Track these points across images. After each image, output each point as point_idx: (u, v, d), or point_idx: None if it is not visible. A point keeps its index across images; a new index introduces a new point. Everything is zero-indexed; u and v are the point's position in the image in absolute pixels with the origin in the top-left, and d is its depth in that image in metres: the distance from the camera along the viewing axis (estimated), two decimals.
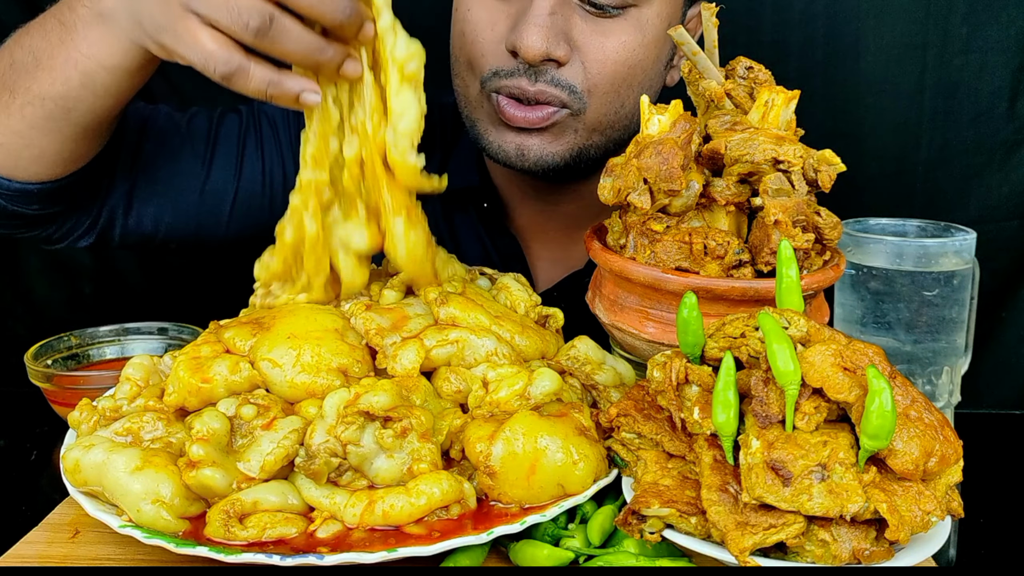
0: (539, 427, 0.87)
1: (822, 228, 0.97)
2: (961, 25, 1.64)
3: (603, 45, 1.20)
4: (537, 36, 1.15)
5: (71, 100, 1.09)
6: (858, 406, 0.77)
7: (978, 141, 1.68)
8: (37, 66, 1.09)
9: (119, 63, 1.05)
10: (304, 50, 0.91)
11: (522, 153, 1.24)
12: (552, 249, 1.44)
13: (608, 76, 1.21)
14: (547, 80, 1.19)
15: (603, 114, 1.24)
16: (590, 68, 1.20)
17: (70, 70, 1.07)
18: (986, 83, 1.66)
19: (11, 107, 1.11)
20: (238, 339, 0.95)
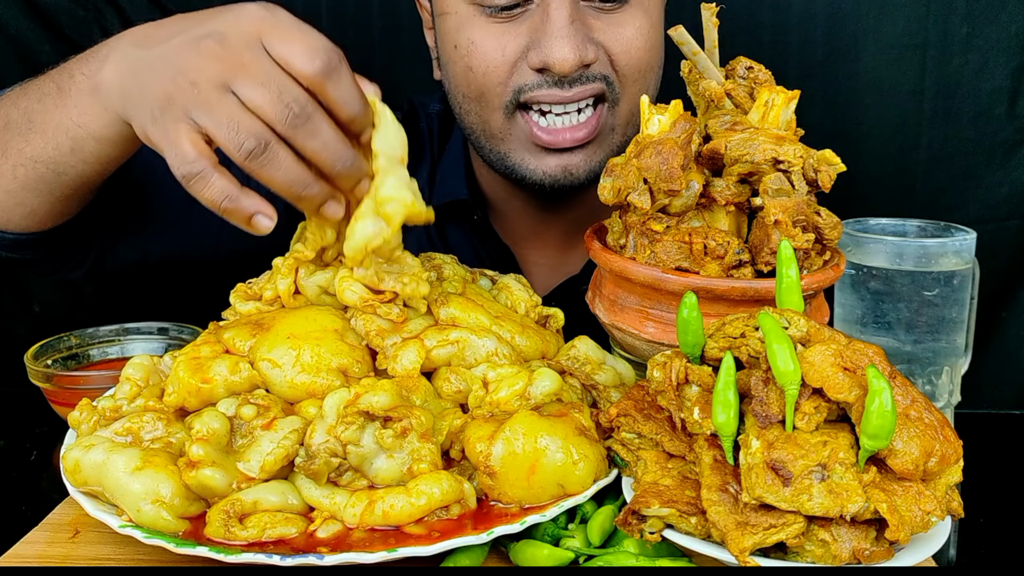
0: (539, 427, 0.87)
1: (822, 228, 0.97)
2: (961, 25, 1.64)
3: (622, 35, 1.21)
4: (568, 48, 1.15)
5: (61, 165, 1.09)
6: (858, 406, 0.77)
7: (978, 141, 1.68)
8: (30, 128, 1.10)
9: (107, 135, 1.04)
10: (289, 182, 0.89)
11: (569, 173, 1.24)
12: (549, 256, 1.43)
13: (635, 63, 1.23)
14: (581, 82, 1.20)
15: (634, 102, 1.24)
16: (617, 60, 1.22)
17: (61, 136, 1.07)
18: (986, 83, 1.66)
19: (3, 167, 1.12)
20: (238, 339, 0.95)
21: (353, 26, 1.74)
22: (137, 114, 0.96)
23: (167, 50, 0.93)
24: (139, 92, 0.95)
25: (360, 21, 1.74)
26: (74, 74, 1.06)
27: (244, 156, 0.88)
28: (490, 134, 1.27)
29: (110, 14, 1.71)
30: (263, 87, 0.88)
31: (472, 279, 1.10)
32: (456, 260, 1.11)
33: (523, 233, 1.43)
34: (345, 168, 0.90)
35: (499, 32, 1.20)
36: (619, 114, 1.25)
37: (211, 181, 0.89)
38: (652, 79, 1.27)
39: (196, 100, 0.89)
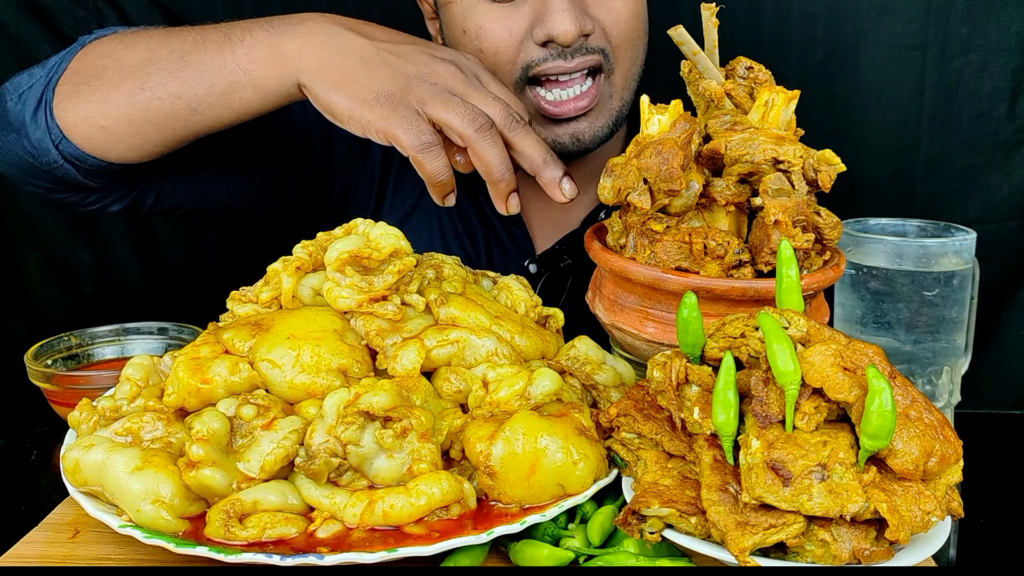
0: (539, 427, 0.87)
1: (822, 228, 0.97)
2: (961, 25, 1.64)
3: (613, 5, 1.29)
4: (569, 20, 1.23)
5: (203, 104, 1.16)
6: (858, 406, 0.77)
7: (978, 141, 1.68)
8: (183, 66, 1.16)
9: (270, 87, 1.15)
10: (499, 161, 1.09)
11: (578, 139, 1.33)
12: (550, 213, 1.48)
13: (627, 31, 1.31)
14: (582, 53, 1.27)
15: (627, 70, 1.34)
16: (610, 30, 1.29)
17: (219, 77, 1.15)
18: (986, 83, 1.66)
19: (136, 97, 1.17)
20: (237, 340, 0.95)
21: None
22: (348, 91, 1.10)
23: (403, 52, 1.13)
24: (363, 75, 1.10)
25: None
26: (252, 30, 1.16)
27: (475, 129, 1.08)
28: None
29: (110, 14, 1.71)
30: (494, 102, 1.11)
31: (474, 279, 1.10)
32: (458, 261, 1.11)
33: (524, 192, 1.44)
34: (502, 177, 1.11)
35: (504, 15, 1.28)
36: (615, 82, 1.33)
37: (440, 154, 1.09)
38: (640, 47, 1.35)
39: (433, 96, 1.09)
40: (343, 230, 1.03)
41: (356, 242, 0.97)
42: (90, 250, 1.78)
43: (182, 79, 1.16)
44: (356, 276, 0.97)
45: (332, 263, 0.97)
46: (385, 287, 0.97)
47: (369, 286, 0.97)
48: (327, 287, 0.98)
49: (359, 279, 0.97)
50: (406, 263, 0.97)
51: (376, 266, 0.97)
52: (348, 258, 0.96)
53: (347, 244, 0.96)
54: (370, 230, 1.00)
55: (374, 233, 0.99)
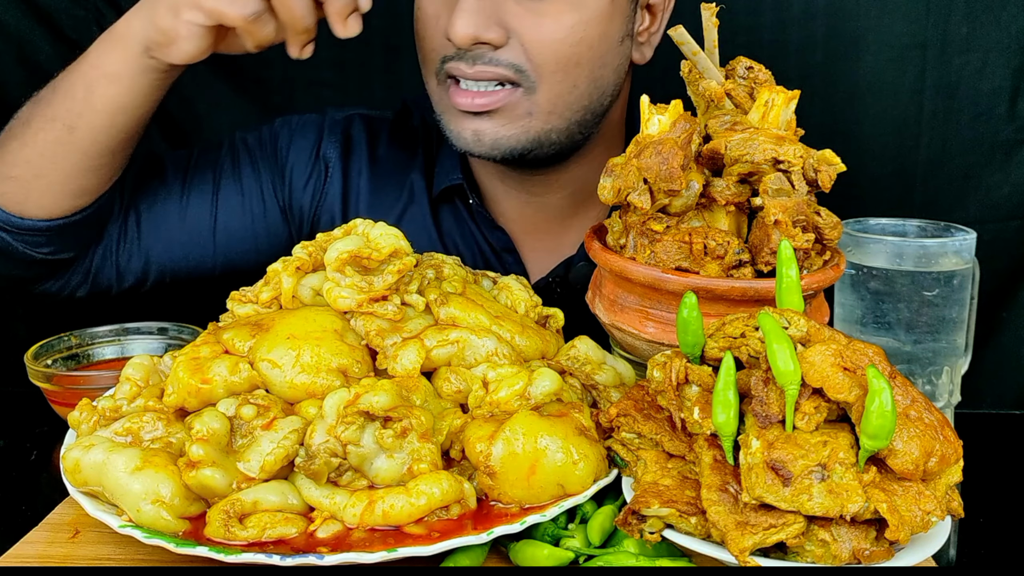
0: (539, 427, 0.87)
1: (822, 228, 0.97)
2: (961, 25, 1.64)
3: (538, 26, 1.20)
4: (463, 21, 1.18)
5: (73, 116, 1.19)
6: (858, 406, 0.77)
7: (978, 141, 1.68)
8: (53, 92, 1.22)
9: (120, 71, 1.17)
10: None
11: (478, 138, 1.26)
12: (544, 240, 1.44)
13: (551, 56, 1.21)
14: (484, 62, 1.22)
15: (557, 95, 1.24)
16: (530, 49, 1.22)
17: (77, 86, 1.19)
18: (986, 83, 1.66)
19: (25, 136, 1.22)
20: (237, 340, 0.95)
21: None
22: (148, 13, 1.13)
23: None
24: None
25: None
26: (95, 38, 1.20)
27: None
28: (432, 97, 1.32)
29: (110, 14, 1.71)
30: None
31: (474, 280, 1.10)
32: (458, 261, 1.11)
33: (515, 218, 1.44)
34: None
35: (439, 2, 1.25)
36: (538, 102, 1.24)
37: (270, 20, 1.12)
38: (582, 75, 1.25)
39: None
40: (343, 230, 1.03)
41: (356, 242, 0.97)
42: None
43: (54, 103, 1.20)
44: (356, 276, 0.97)
45: (332, 263, 0.97)
46: (385, 287, 0.97)
47: (369, 286, 0.97)
48: (327, 287, 0.98)
49: (359, 279, 0.97)
50: (406, 263, 0.97)
51: (376, 266, 0.97)
52: (348, 258, 0.96)
53: (347, 244, 0.96)
54: (370, 230, 1.00)
55: (374, 233, 0.99)
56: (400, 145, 1.46)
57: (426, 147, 1.46)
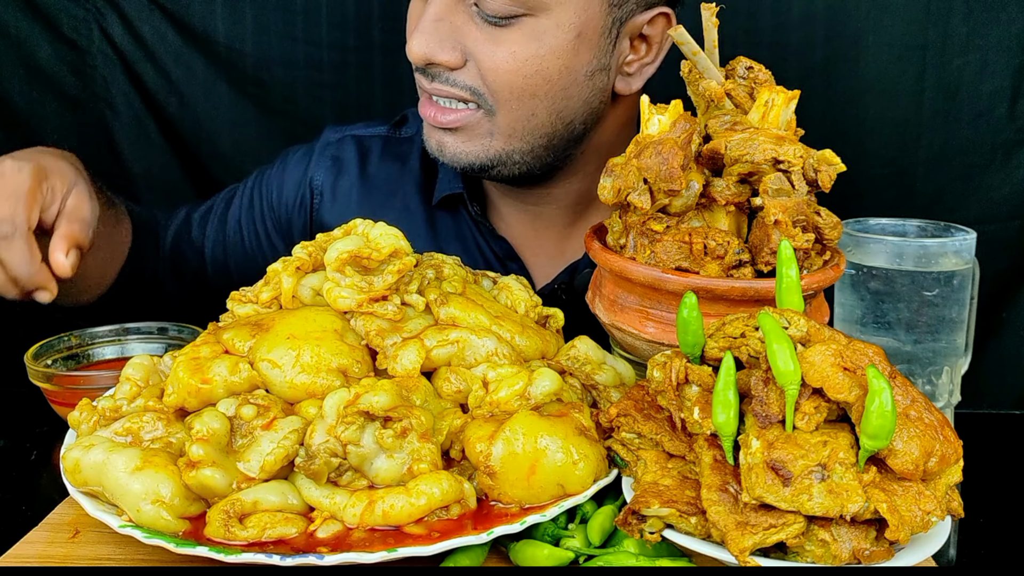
0: (539, 427, 0.87)
1: (822, 228, 0.97)
2: (961, 25, 1.64)
3: (493, 53, 1.19)
4: (418, 41, 1.19)
5: None
6: (858, 406, 0.77)
7: (978, 141, 1.68)
8: None
9: None
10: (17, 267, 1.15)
11: (441, 149, 1.28)
12: (546, 247, 1.44)
13: (505, 84, 1.20)
14: (441, 80, 1.22)
15: (515, 119, 1.23)
16: (485, 75, 1.21)
17: None
18: (986, 83, 1.66)
19: None
20: (237, 340, 0.95)
21: (353, 28, 1.74)
22: None
23: None
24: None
25: (360, 23, 1.74)
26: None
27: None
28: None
29: (110, 14, 1.71)
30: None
31: (474, 280, 1.10)
32: (458, 261, 1.11)
33: (518, 227, 1.43)
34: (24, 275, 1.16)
35: (415, 15, 1.25)
36: (498, 124, 1.24)
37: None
38: (540, 105, 1.22)
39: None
40: (342, 230, 1.03)
41: (356, 242, 0.97)
42: None
43: None
44: (356, 276, 0.97)
45: (332, 263, 0.97)
46: (385, 287, 0.97)
47: (369, 286, 0.97)
48: (327, 287, 0.98)
49: (359, 279, 0.97)
50: (406, 263, 0.97)
51: (376, 266, 0.97)
52: (348, 258, 0.96)
53: (347, 244, 0.96)
54: (369, 230, 1.00)
55: (374, 233, 0.99)
56: (392, 159, 1.48)
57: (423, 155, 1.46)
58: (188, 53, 1.74)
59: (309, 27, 1.74)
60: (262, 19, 1.74)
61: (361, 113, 1.76)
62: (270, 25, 1.74)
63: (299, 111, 1.77)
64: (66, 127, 1.73)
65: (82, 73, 1.73)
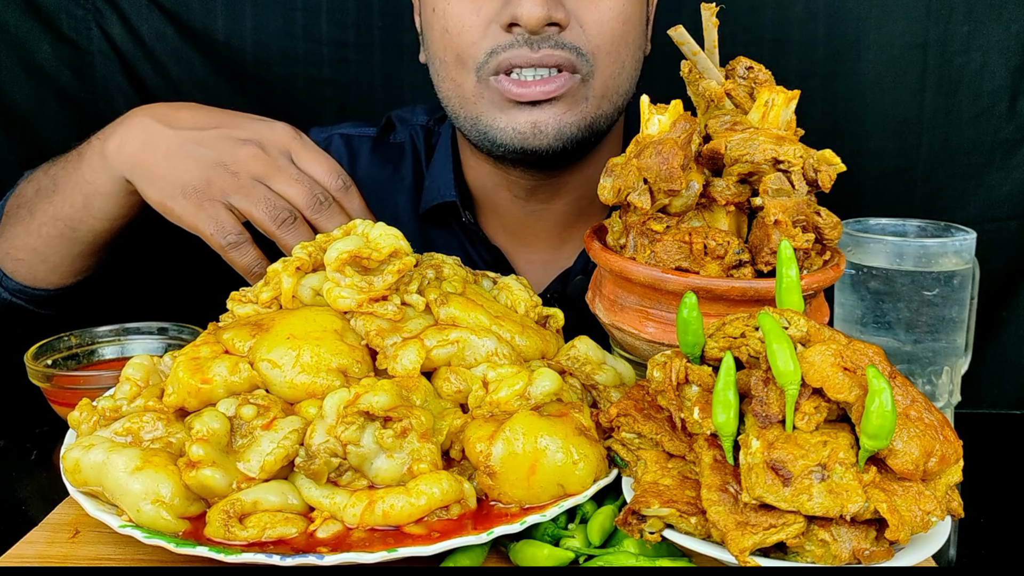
0: (539, 427, 0.87)
1: (822, 228, 0.97)
2: (961, 25, 1.64)
3: (598, 5, 1.22)
4: (534, 2, 1.17)
5: (75, 220, 1.27)
6: (858, 406, 0.77)
7: (978, 141, 1.68)
8: (55, 190, 1.29)
9: (112, 190, 1.24)
10: None
11: (539, 130, 1.24)
12: (541, 251, 1.44)
13: (608, 36, 1.23)
14: (550, 45, 1.20)
15: (609, 77, 1.26)
16: (589, 30, 1.22)
17: (76, 193, 1.26)
18: (986, 83, 1.66)
19: (31, 226, 1.30)
20: (237, 340, 0.95)
21: (353, 26, 1.74)
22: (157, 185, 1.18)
23: (205, 139, 1.17)
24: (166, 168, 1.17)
25: (360, 21, 1.74)
26: (91, 141, 1.26)
27: (277, 224, 1.14)
28: (464, 98, 1.28)
29: (109, 13, 1.71)
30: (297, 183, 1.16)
31: (474, 280, 1.10)
32: (458, 261, 1.11)
33: (514, 229, 1.43)
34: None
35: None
36: (593, 86, 1.25)
37: (249, 250, 1.16)
38: (628, 55, 1.27)
39: (236, 186, 1.14)
40: (342, 231, 1.03)
41: (355, 242, 0.97)
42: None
43: (56, 203, 1.27)
44: (356, 276, 0.97)
45: (332, 263, 0.97)
46: (385, 287, 0.97)
47: (369, 286, 0.97)
48: (327, 287, 0.98)
49: (359, 279, 0.97)
50: (406, 263, 0.97)
51: (376, 266, 0.97)
52: (348, 258, 0.96)
53: (347, 244, 0.96)
54: (369, 230, 1.00)
55: (373, 233, 0.99)
56: (382, 163, 1.47)
57: (414, 164, 1.46)
58: (188, 52, 1.74)
59: (309, 24, 1.74)
60: (261, 17, 1.74)
61: (361, 111, 1.76)
62: (269, 23, 1.74)
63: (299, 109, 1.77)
64: (66, 127, 1.73)
65: (82, 73, 1.72)
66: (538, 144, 1.25)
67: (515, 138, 1.25)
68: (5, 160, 1.72)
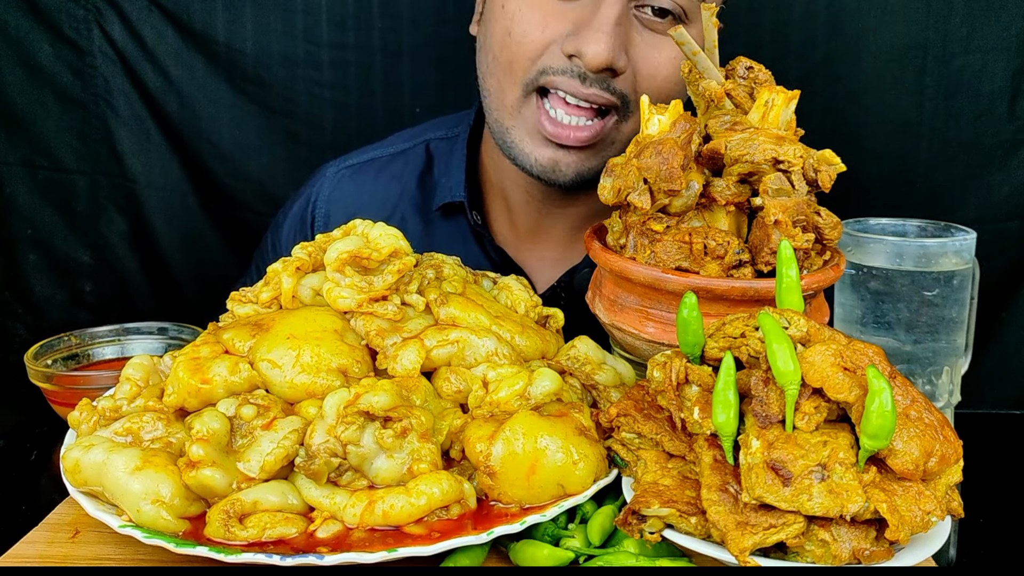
0: (539, 427, 0.87)
1: (822, 228, 0.97)
2: (961, 25, 1.64)
3: (657, 58, 1.22)
4: (605, 45, 1.17)
5: None
6: (858, 406, 0.77)
7: (978, 141, 1.68)
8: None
9: None
10: None
11: (559, 169, 1.26)
12: (552, 250, 1.44)
13: (656, 88, 1.23)
14: (602, 86, 1.21)
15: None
16: (641, 80, 1.23)
17: None
18: (986, 83, 1.66)
19: None
20: (237, 340, 0.95)
21: (353, 26, 1.74)
22: None
23: None
24: None
25: (360, 20, 1.74)
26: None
27: None
28: (503, 104, 1.28)
29: (109, 14, 1.71)
30: None
31: (474, 280, 1.10)
32: (458, 261, 1.11)
33: (527, 227, 1.43)
34: None
35: (549, 9, 1.22)
36: (623, 132, 1.26)
37: None
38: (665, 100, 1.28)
39: None
40: (342, 231, 1.03)
41: (355, 242, 0.97)
42: (90, 250, 1.78)
43: None
44: (356, 276, 0.97)
45: (332, 263, 0.97)
46: (385, 287, 0.97)
47: (369, 286, 0.97)
48: (327, 287, 0.98)
49: (359, 279, 0.97)
50: (406, 263, 0.97)
51: (376, 266, 0.97)
52: (348, 258, 0.96)
53: (347, 244, 0.96)
54: (369, 230, 1.00)
55: (373, 233, 0.99)
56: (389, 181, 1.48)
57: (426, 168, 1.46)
58: (188, 53, 1.74)
59: (309, 26, 1.74)
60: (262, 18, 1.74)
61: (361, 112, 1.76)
62: (270, 24, 1.74)
63: (299, 110, 1.77)
64: (66, 127, 1.74)
65: (82, 73, 1.73)
66: (555, 179, 1.27)
67: (535, 168, 1.27)
68: (5, 160, 1.72)
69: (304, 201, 1.51)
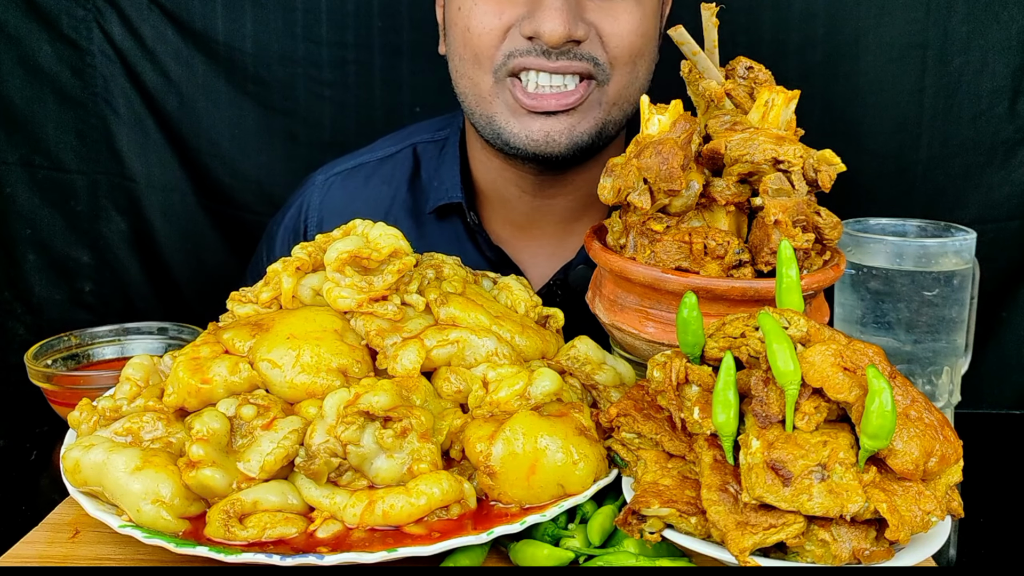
0: (539, 427, 0.87)
1: (822, 228, 0.97)
2: (961, 25, 1.64)
3: (616, 21, 1.26)
4: (558, 21, 1.20)
5: None
6: (858, 406, 0.77)
7: (978, 141, 1.68)
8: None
9: None
10: None
11: (552, 139, 1.28)
12: (546, 244, 1.45)
13: (625, 49, 1.27)
14: (569, 56, 1.24)
15: (623, 86, 1.30)
16: (607, 42, 1.26)
17: None
18: (986, 83, 1.66)
19: None
20: (237, 340, 0.95)
21: (353, 24, 1.74)
22: None
23: None
24: None
25: (360, 19, 1.74)
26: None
27: None
28: (480, 96, 1.31)
29: (109, 13, 1.71)
30: None
31: (474, 280, 1.10)
32: (458, 261, 1.11)
33: (520, 223, 1.44)
34: None
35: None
36: (607, 93, 1.29)
37: None
38: (643, 65, 1.31)
39: None
40: (342, 231, 1.03)
41: (355, 242, 0.97)
42: (90, 250, 1.78)
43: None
44: (356, 276, 0.97)
45: (332, 263, 0.97)
46: (385, 287, 0.97)
47: (369, 286, 0.97)
48: (327, 287, 0.98)
49: (359, 279, 0.97)
50: (406, 263, 0.97)
51: (376, 266, 0.97)
52: (348, 258, 0.96)
53: (346, 244, 0.96)
54: (369, 231, 1.00)
55: (373, 233, 0.99)
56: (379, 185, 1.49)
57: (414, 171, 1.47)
58: (188, 52, 1.74)
59: (309, 25, 1.74)
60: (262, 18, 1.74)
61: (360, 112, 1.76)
62: (270, 24, 1.74)
63: (299, 109, 1.77)
64: (66, 127, 1.73)
65: (82, 73, 1.72)
66: (551, 151, 1.29)
67: (528, 144, 1.29)
68: (4, 160, 1.72)
69: (296, 211, 1.52)
